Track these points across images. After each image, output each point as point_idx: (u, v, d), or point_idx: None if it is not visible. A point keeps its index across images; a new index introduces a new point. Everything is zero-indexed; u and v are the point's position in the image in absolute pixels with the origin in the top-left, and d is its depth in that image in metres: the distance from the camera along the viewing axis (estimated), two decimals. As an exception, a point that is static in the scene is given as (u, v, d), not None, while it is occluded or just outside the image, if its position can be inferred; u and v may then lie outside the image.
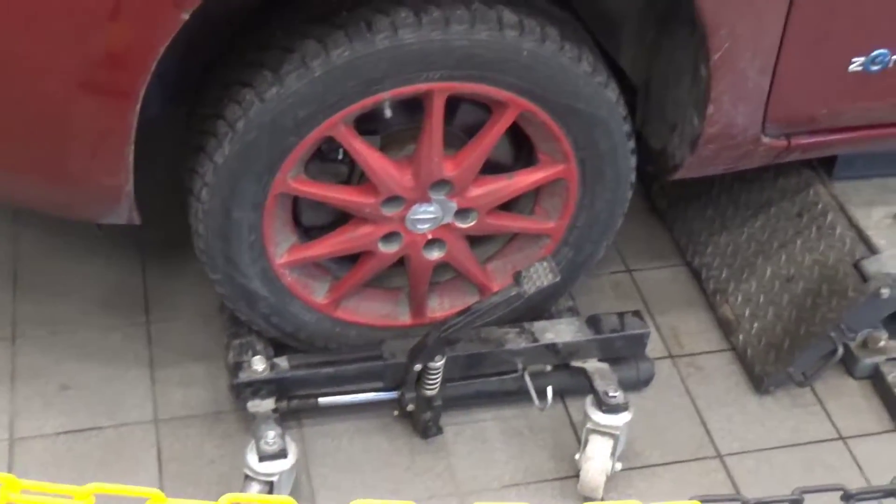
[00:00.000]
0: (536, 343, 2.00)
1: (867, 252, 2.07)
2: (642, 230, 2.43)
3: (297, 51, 1.68)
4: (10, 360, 2.05)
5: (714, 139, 1.93)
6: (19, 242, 2.26)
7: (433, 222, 1.90)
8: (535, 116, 1.81)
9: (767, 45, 1.83)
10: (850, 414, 2.11)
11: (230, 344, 1.96)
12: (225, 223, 1.80)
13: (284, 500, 1.20)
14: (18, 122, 1.67)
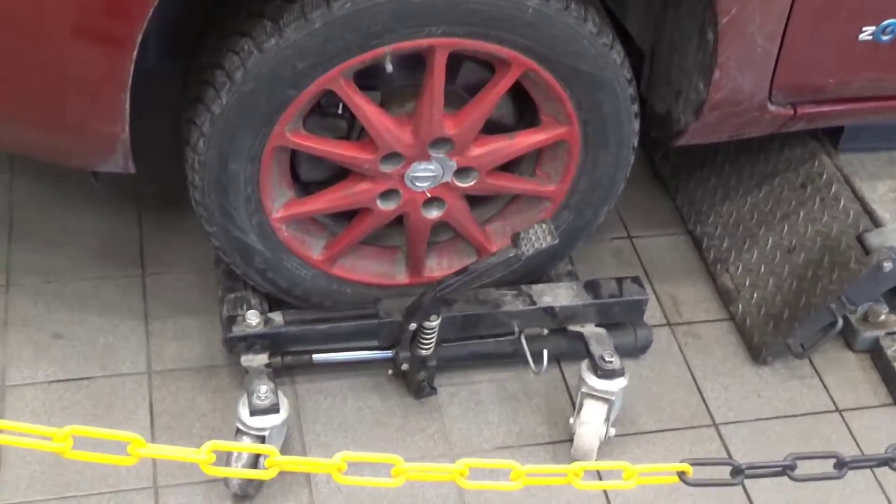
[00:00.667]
0: (534, 306, 2.00)
1: (871, 225, 2.06)
2: (644, 197, 2.43)
3: (297, 1, 1.66)
4: (4, 308, 2.05)
5: (719, 105, 1.92)
6: (15, 191, 2.26)
7: (432, 180, 1.88)
8: (539, 76, 1.79)
9: (777, 11, 1.81)
10: (848, 387, 2.11)
11: (224, 298, 1.96)
12: (221, 175, 1.79)
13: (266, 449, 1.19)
14: (15, 67, 1.65)
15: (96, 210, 2.23)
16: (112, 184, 2.17)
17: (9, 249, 2.14)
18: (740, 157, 2.29)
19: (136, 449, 1.07)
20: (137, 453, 1.08)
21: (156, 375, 1.98)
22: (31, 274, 2.11)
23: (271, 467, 1.19)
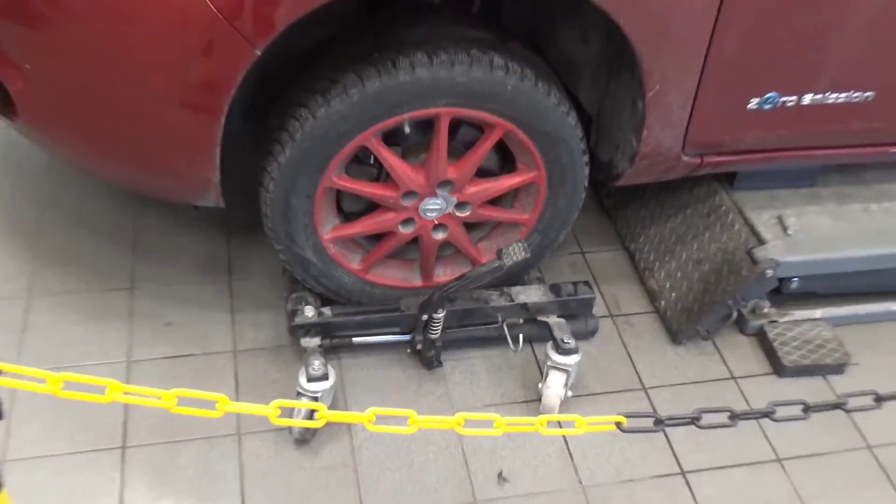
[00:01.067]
0: (512, 302, 1.99)
1: (757, 243, 2.04)
2: (593, 223, 2.41)
3: (340, 81, 1.67)
4: (130, 304, 2.05)
5: (647, 156, 1.91)
6: (138, 219, 2.26)
7: (439, 211, 1.88)
8: (516, 136, 1.79)
9: (688, 87, 1.80)
10: (741, 361, 2.10)
11: (289, 297, 1.95)
12: (286, 209, 1.79)
13: (317, 406, 1.18)
14: (141, 132, 1.66)
15: (196, 232, 2.23)
16: (208, 213, 2.18)
17: (133, 261, 2.14)
18: (662, 193, 2.27)
19: (223, 406, 1.07)
20: (223, 409, 1.08)
21: (239, 353, 1.97)
22: (149, 280, 2.11)
23: (321, 419, 1.19)
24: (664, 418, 1.25)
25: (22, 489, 1.68)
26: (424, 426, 1.15)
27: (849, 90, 1.89)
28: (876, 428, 1.95)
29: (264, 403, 1.78)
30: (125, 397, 1.01)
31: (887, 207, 2.18)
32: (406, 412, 1.16)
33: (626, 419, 1.24)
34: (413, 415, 1.15)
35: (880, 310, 2.19)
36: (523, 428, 1.23)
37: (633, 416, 1.26)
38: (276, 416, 1.11)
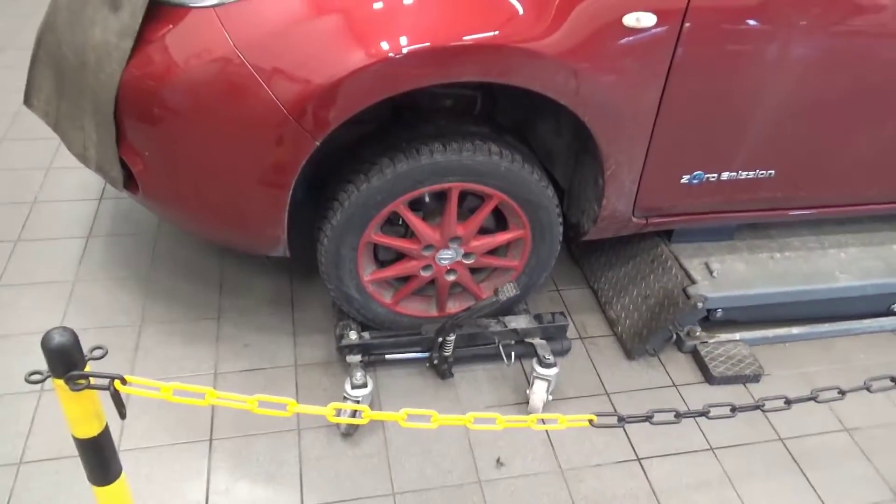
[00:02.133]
0: (506, 328, 1.98)
1: (690, 283, 2.04)
2: (566, 267, 2.40)
3: (378, 164, 1.69)
4: (217, 330, 2.04)
5: (606, 219, 1.92)
6: (224, 266, 2.26)
7: (451, 259, 1.89)
8: (508, 203, 1.80)
9: (636, 168, 1.82)
10: (680, 372, 2.07)
11: (337, 324, 1.95)
12: (336, 258, 1.79)
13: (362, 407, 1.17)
14: (229, 202, 1.68)
15: (268, 276, 2.23)
16: (277, 261, 2.20)
17: (220, 297, 2.14)
18: (617, 245, 2.27)
19: (292, 407, 1.06)
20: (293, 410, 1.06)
21: (299, 367, 1.96)
22: (231, 311, 2.10)
23: (366, 417, 1.16)
24: (625, 416, 1.23)
25: (131, 472, 1.67)
26: (444, 423, 1.13)
27: (755, 169, 1.91)
28: (786, 425, 1.93)
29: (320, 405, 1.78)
30: (219, 401, 1.00)
31: (787, 255, 2.18)
32: (429, 412, 1.15)
33: (597, 417, 1.22)
34: (435, 414, 1.14)
35: (784, 333, 2.17)
36: (518, 424, 1.20)
37: (601, 416, 1.24)
38: (333, 414, 1.09)
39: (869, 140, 1.94)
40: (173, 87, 1.56)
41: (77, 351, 0.90)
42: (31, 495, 1.61)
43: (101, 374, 0.91)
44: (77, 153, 1.78)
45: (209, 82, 1.53)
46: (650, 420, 1.26)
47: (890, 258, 2.22)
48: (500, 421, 1.15)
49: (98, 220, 2.37)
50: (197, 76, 1.54)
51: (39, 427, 1.74)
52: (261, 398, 1.02)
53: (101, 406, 0.97)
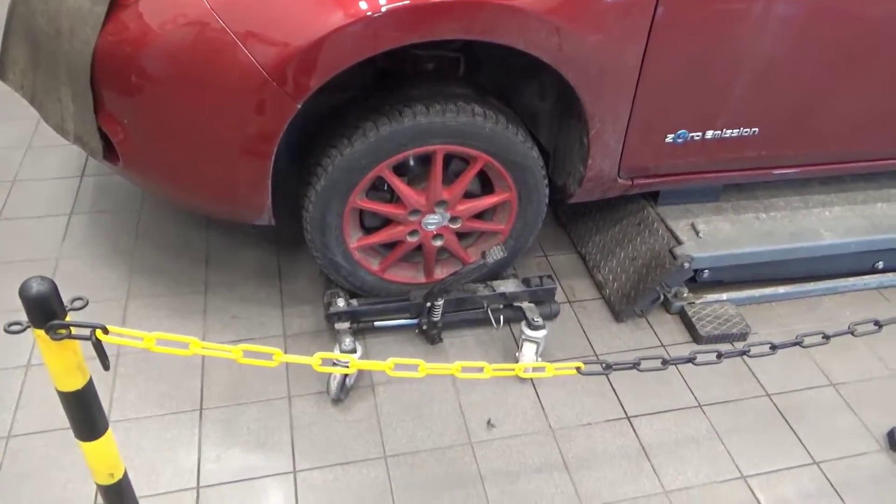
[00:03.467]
0: (494, 292, 1.98)
1: (676, 244, 2.04)
2: (552, 232, 2.40)
3: (361, 127, 1.68)
4: (204, 303, 2.03)
5: (591, 180, 1.92)
6: (209, 240, 2.25)
7: (437, 224, 1.88)
8: (493, 166, 1.80)
9: (620, 128, 1.82)
10: (668, 333, 2.08)
11: (325, 292, 1.94)
12: (322, 224, 1.79)
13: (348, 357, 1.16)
14: (210, 170, 1.66)
15: (254, 249, 2.21)
16: (262, 233, 2.19)
17: (206, 271, 2.13)
18: (604, 207, 2.27)
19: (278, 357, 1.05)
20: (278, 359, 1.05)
21: (288, 337, 1.95)
22: (219, 285, 2.09)
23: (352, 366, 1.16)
24: (612, 363, 1.24)
25: (122, 443, 1.66)
26: (431, 372, 1.13)
27: (739, 127, 1.91)
28: (773, 381, 1.95)
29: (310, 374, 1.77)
30: (204, 351, 1.00)
31: (773, 215, 2.19)
32: (416, 361, 1.15)
33: (584, 364, 1.23)
34: (422, 363, 1.14)
35: (770, 292, 2.18)
36: (506, 373, 1.20)
37: (588, 363, 1.25)
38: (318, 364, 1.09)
39: (852, 97, 1.95)
40: (150, 53, 1.53)
41: (57, 301, 0.90)
42: (20, 468, 1.60)
43: (82, 324, 0.90)
44: (55, 125, 1.76)
45: (186, 46, 1.51)
46: (637, 367, 1.26)
47: (874, 216, 2.24)
48: (488, 369, 1.15)
49: (80, 198, 2.35)
50: (174, 40, 1.52)
51: (27, 401, 1.73)
52: (246, 347, 1.02)
53: (83, 359, 0.96)
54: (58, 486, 1.57)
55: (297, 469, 1.64)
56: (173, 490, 1.58)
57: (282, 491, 1.60)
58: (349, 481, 1.62)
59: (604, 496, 1.64)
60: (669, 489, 1.66)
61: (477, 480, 1.65)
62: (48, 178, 2.43)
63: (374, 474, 1.64)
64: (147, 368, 1.82)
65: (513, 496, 1.62)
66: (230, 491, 1.59)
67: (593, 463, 1.70)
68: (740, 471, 1.72)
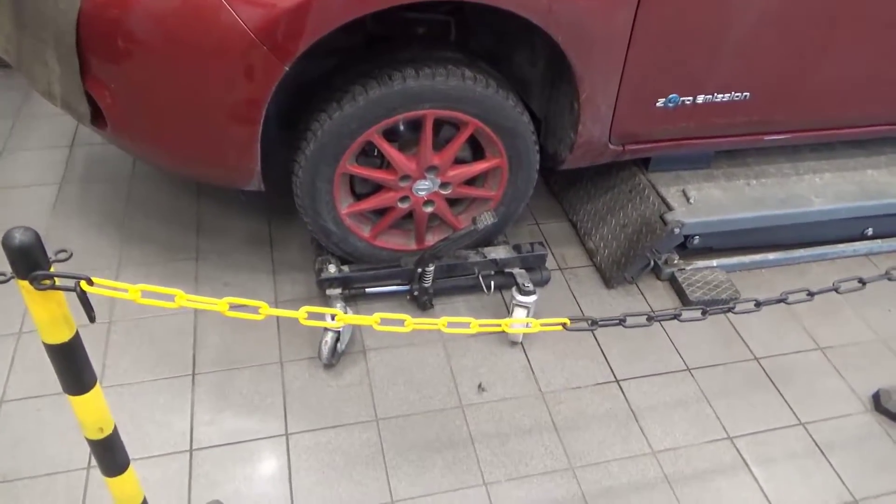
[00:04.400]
0: (485, 258, 1.99)
1: (667, 210, 2.04)
2: (544, 201, 2.40)
3: (350, 91, 1.67)
4: (196, 270, 2.03)
5: (582, 146, 1.91)
6: (200, 207, 2.24)
7: (428, 190, 1.88)
8: (484, 131, 1.79)
9: (610, 93, 1.81)
10: (658, 299, 2.09)
11: (316, 259, 1.94)
12: (312, 190, 1.78)
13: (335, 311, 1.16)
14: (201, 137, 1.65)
15: (245, 217, 2.21)
16: (253, 202, 2.18)
17: (197, 238, 2.12)
18: (596, 175, 2.27)
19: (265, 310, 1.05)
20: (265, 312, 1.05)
21: (280, 304, 1.95)
22: (210, 252, 2.08)
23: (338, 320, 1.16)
24: (598, 319, 1.24)
25: (115, 408, 1.67)
26: (417, 327, 1.13)
27: (730, 91, 1.90)
28: (761, 345, 1.96)
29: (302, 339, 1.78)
30: (189, 303, 1.00)
31: (763, 182, 2.19)
32: (403, 316, 1.15)
33: (570, 321, 1.23)
34: (408, 318, 1.14)
35: (760, 259, 2.19)
36: (492, 329, 1.20)
37: (575, 320, 1.24)
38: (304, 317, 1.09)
39: (844, 61, 1.94)
40: (136, 15, 1.51)
41: (40, 251, 0.89)
42: (13, 432, 1.61)
43: (66, 275, 0.90)
44: (42, 90, 1.74)
45: (173, 8, 1.49)
46: (623, 323, 1.27)
47: (864, 182, 2.24)
48: (474, 325, 1.15)
49: (70, 167, 2.33)
50: (160, 2, 1.50)
51: (19, 367, 1.73)
52: (231, 300, 1.02)
53: (68, 311, 0.96)
54: (52, 448, 1.58)
55: (290, 432, 1.65)
56: (167, 453, 1.59)
57: (274, 453, 1.61)
58: (341, 443, 1.64)
59: (592, 456, 1.66)
60: (657, 449, 1.68)
61: (468, 442, 1.66)
62: (37, 147, 2.41)
63: (366, 436, 1.65)
64: (138, 335, 1.83)
65: (503, 456, 1.64)
66: (223, 453, 1.60)
67: (582, 425, 1.72)
68: (727, 432, 1.74)
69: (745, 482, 1.63)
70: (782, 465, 1.67)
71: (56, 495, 1.50)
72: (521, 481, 1.59)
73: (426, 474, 1.59)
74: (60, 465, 1.55)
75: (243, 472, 1.57)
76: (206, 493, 1.53)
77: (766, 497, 1.61)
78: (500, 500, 1.56)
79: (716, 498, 1.60)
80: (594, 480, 1.61)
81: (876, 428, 1.77)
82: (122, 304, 1.90)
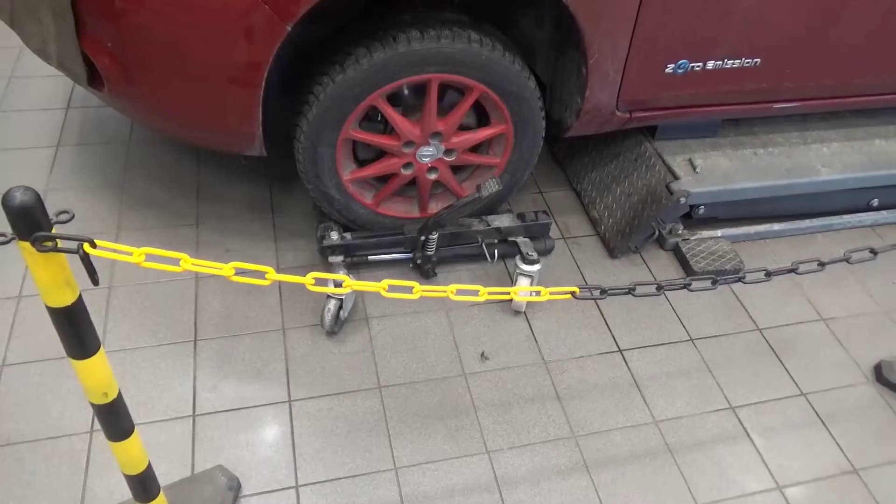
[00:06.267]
0: (489, 227, 1.97)
1: (673, 179, 2.02)
2: (548, 170, 2.37)
3: (353, 53, 1.63)
4: (196, 236, 2.01)
5: (589, 112, 1.88)
6: (200, 172, 2.21)
7: (432, 157, 1.85)
8: (489, 96, 1.76)
9: (619, 57, 1.77)
10: (662, 269, 2.08)
11: (319, 226, 1.92)
12: (314, 155, 1.75)
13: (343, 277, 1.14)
14: (201, 99, 1.61)
15: (246, 182, 2.18)
16: (254, 167, 2.14)
17: (197, 204, 2.09)
18: (601, 144, 2.23)
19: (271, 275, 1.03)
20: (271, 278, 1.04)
21: (282, 271, 1.93)
22: (211, 218, 2.06)
23: (346, 286, 1.14)
24: (606, 287, 1.23)
25: (118, 373, 1.66)
26: (426, 294, 1.11)
27: (741, 57, 1.86)
28: (764, 316, 1.96)
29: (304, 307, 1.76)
30: (194, 267, 0.98)
31: (770, 151, 2.17)
32: (411, 283, 1.13)
33: (579, 289, 1.22)
34: (416, 285, 1.12)
35: (765, 229, 2.18)
36: (501, 296, 1.19)
37: (584, 288, 1.23)
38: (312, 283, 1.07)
39: (854, 28, 1.90)
40: (134, -29, 1.47)
41: (41, 212, 0.87)
42: (16, 395, 1.60)
43: (68, 236, 0.87)
44: (36, 49, 1.69)
45: (172, -36, 1.45)
46: (632, 292, 1.25)
47: (872, 152, 2.21)
48: (483, 292, 1.14)
49: (66, 130, 2.28)
50: (158, -42, 1.45)
51: (20, 331, 1.72)
52: (237, 265, 1.00)
53: (71, 274, 0.94)
54: (55, 412, 1.57)
55: (292, 399, 1.65)
56: (169, 418, 1.59)
57: (277, 419, 1.61)
58: (344, 410, 1.64)
59: (594, 425, 1.66)
60: (659, 419, 1.69)
61: (470, 410, 1.66)
62: (33, 108, 2.36)
63: (369, 404, 1.65)
64: (140, 301, 1.81)
65: (505, 424, 1.64)
66: (226, 419, 1.60)
67: (585, 394, 1.72)
68: (729, 402, 1.74)
69: (747, 451, 1.64)
70: (783, 435, 1.68)
71: (60, 458, 1.50)
72: (523, 449, 1.60)
73: (429, 442, 1.60)
74: (63, 428, 1.55)
75: (246, 438, 1.57)
76: (210, 458, 1.53)
77: (766, 466, 1.62)
78: (502, 467, 1.56)
79: (717, 467, 1.61)
80: (596, 449, 1.61)
81: (877, 399, 1.78)
82: (123, 268, 1.88)
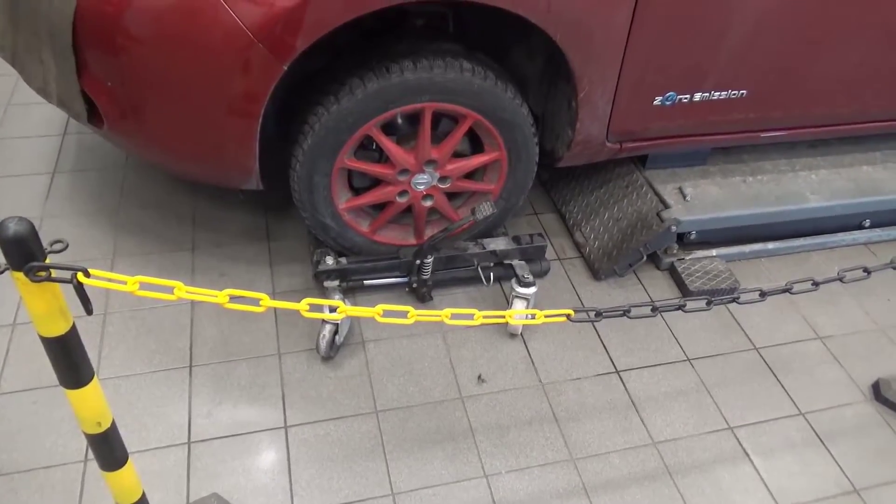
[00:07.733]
0: (485, 250, 1.97)
1: (664, 207, 2.04)
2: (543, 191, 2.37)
3: (347, 84, 1.65)
4: (192, 261, 2.01)
5: (580, 143, 1.89)
6: (196, 201, 2.21)
7: (426, 184, 1.86)
8: (482, 123, 1.77)
9: (608, 89, 1.80)
10: (657, 289, 2.08)
11: (314, 251, 1.93)
12: (310, 184, 1.76)
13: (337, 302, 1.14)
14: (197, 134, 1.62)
15: (242, 209, 2.18)
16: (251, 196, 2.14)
17: (193, 230, 2.09)
18: (590, 170, 2.24)
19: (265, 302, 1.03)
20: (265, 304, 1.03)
21: (278, 295, 1.93)
22: (206, 243, 2.06)
23: (340, 312, 1.14)
24: (602, 310, 1.22)
25: (112, 400, 1.65)
26: (420, 319, 1.11)
27: (728, 89, 1.89)
28: (760, 335, 1.96)
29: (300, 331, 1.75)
30: (189, 295, 0.97)
31: (759, 179, 2.19)
32: (406, 308, 1.13)
33: (574, 312, 1.21)
34: (411, 310, 1.12)
35: (759, 248, 2.19)
36: (496, 320, 1.18)
37: (579, 310, 1.23)
38: (307, 309, 1.07)
39: (840, 58, 1.94)
40: (133, 12, 1.48)
41: (35, 242, 0.86)
42: (10, 425, 1.58)
43: (62, 266, 0.87)
44: (37, 87, 1.71)
45: (170, 6, 1.46)
46: (627, 314, 1.25)
47: (860, 179, 2.24)
48: (478, 316, 1.13)
49: (63, 156, 2.30)
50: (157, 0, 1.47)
51: (14, 359, 1.71)
52: (232, 292, 0.99)
53: (65, 303, 0.93)
54: (48, 441, 1.55)
55: (289, 424, 1.63)
56: (164, 445, 1.57)
57: (274, 445, 1.59)
58: (340, 436, 1.62)
59: (593, 447, 1.64)
60: (658, 440, 1.67)
61: (468, 433, 1.65)
62: (30, 136, 2.38)
63: (366, 428, 1.64)
64: (135, 327, 1.80)
65: (503, 447, 1.63)
66: (221, 446, 1.58)
67: (583, 415, 1.71)
68: (727, 422, 1.73)
69: (746, 472, 1.63)
70: (782, 455, 1.67)
71: (53, 488, 1.47)
72: (521, 473, 1.58)
73: (426, 466, 1.57)
74: (57, 457, 1.52)
75: (242, 465, 1.55)
76: (205, 486, 1.50)
77: (766, 487, 1.60)
78: (500, 491, 1.54)
79: (717, 488, 1.59)
80: (595, 471, 1.60)
81: (876, 417, 1.77)
82: (118, 295, 1.87)
